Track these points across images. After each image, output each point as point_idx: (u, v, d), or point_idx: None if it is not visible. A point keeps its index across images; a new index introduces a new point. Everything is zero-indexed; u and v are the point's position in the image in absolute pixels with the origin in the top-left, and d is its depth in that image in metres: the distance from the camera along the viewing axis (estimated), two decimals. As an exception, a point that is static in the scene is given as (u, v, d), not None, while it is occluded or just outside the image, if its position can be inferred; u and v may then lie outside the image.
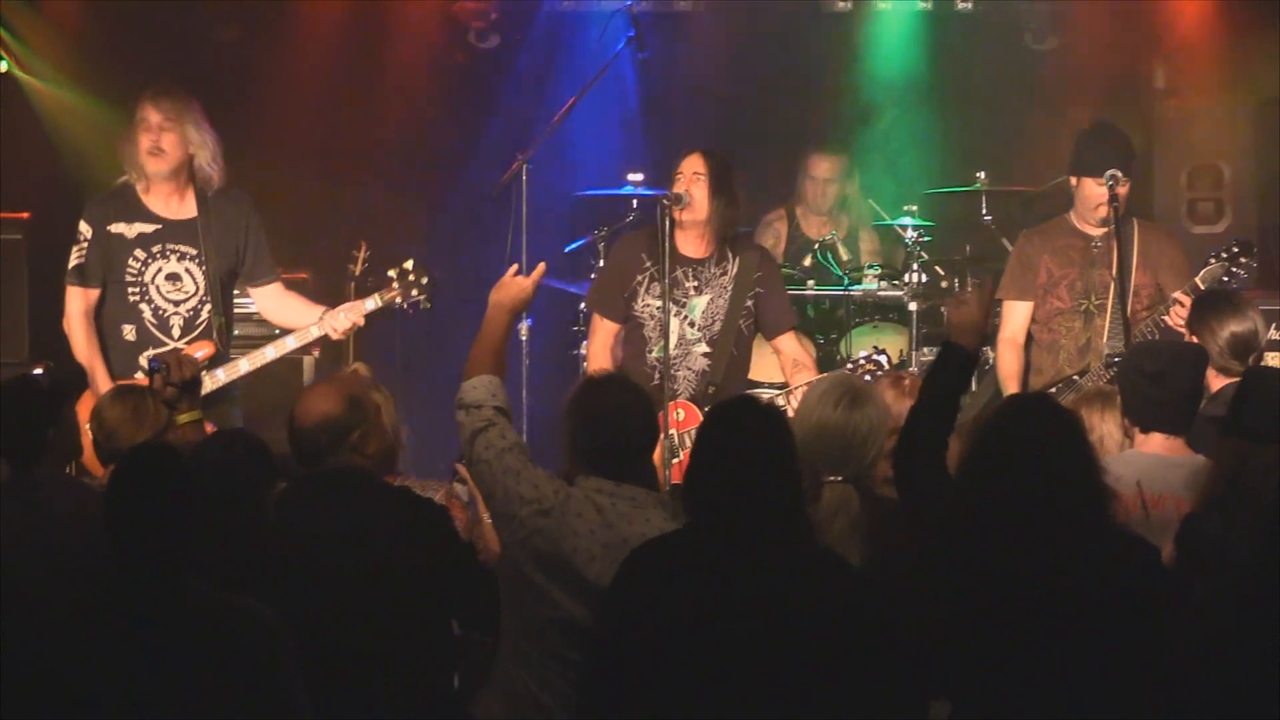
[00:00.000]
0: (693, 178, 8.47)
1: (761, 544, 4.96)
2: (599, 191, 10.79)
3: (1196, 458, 6.29)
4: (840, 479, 5.82)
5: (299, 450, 5.96)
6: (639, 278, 8.53)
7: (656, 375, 8.39)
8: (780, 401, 8.31)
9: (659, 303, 8.38)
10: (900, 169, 11.51)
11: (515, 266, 6.34)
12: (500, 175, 10.23)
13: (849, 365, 8.68)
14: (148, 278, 8.36)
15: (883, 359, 8.67)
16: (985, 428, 5.19)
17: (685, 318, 8.51)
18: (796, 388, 8.34)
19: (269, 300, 8.62)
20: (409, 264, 8.53)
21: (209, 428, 7.35)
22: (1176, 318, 8.08)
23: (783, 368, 8.69)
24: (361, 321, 8.50)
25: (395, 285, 8.52)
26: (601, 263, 9.62)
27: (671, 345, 8.44)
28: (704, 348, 8.53)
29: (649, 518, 5.57)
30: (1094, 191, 8.53)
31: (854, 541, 5.63)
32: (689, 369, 8.52)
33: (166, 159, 8.33)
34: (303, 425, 5.94)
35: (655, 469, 6.11)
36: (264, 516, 5.81)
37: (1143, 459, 6.28)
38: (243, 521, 5.73)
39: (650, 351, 8.50)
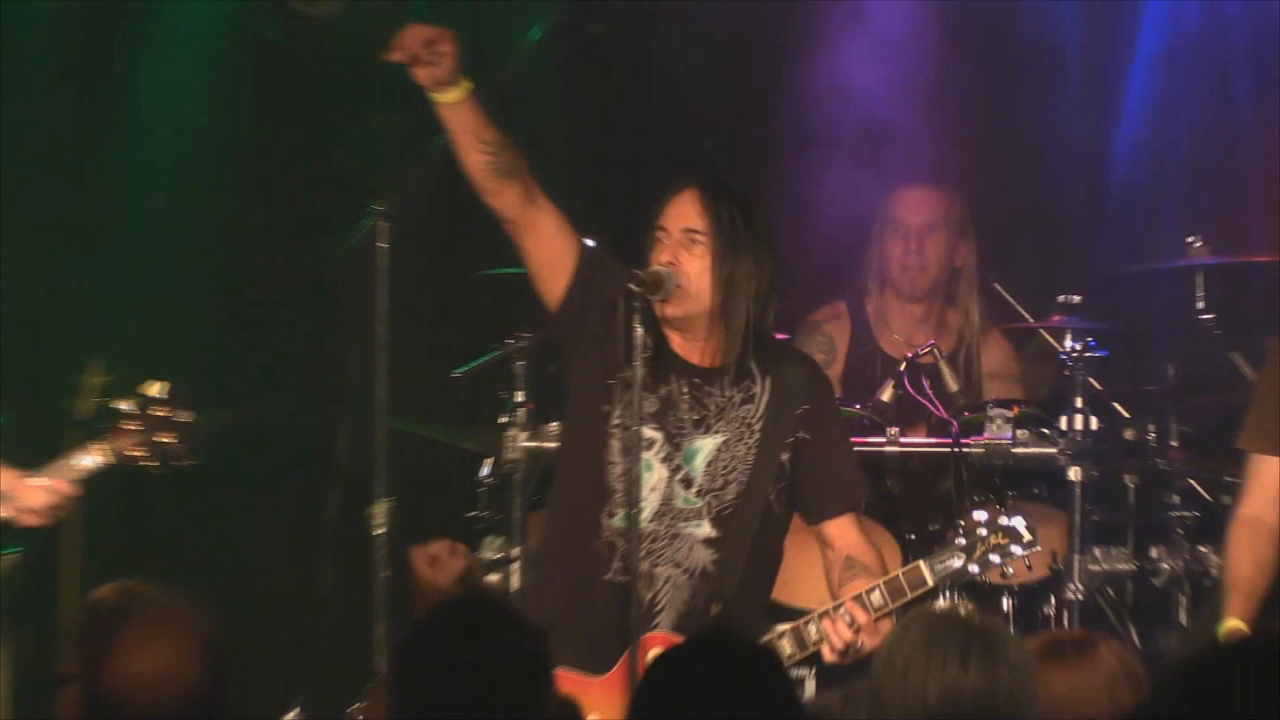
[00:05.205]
0: (683, 239, 6.01)
1: None
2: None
3: None
4: None
5: None
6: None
7: (617, 561, 5.99)
8: (812, 633, 5.99)
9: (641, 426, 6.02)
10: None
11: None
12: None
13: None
14: None
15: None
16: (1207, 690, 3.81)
17: (677, 469, 6.07)
18: (838, 606, 6.02)
19: None
20: (156, 389, 6.66)
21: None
22: None
23: (827, 569, 6.26)
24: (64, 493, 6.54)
25: (130, 425, 6.62)
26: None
27: (648, 515, 5.99)
28: (706, 528, 6.11)
29: None
30: None
31: None
32: (675, 565, 6.05)
33: None
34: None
35: None
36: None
37: None
38: None
39: (612, 516, 6.05)
